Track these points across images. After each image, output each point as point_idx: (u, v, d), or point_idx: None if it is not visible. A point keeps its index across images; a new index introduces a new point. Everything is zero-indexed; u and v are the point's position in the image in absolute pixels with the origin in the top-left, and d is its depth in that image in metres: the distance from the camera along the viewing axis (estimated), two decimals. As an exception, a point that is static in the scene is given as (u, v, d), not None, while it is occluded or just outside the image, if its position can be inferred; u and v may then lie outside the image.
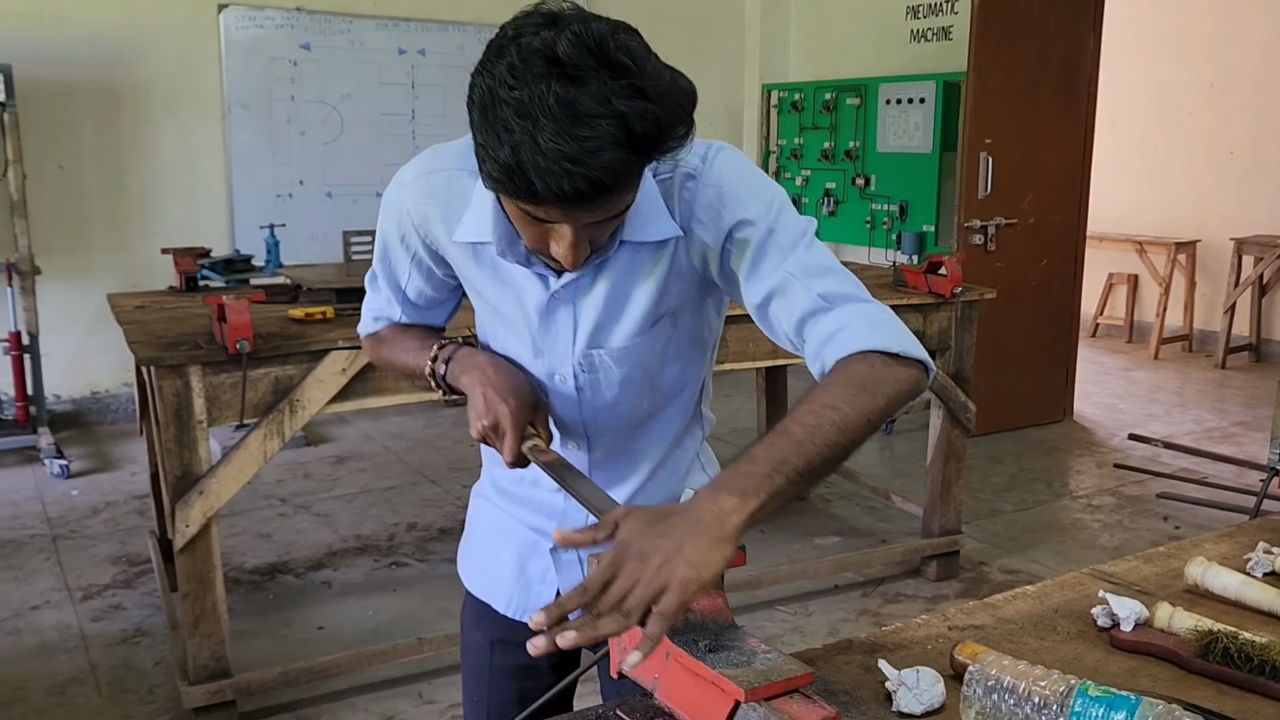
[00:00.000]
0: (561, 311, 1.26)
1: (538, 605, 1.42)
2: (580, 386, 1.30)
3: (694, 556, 0.94)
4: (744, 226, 1.18)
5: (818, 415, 1.04)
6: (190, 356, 2.54)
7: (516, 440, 1.21)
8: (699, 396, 1.41)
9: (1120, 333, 8.32)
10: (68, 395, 5.62)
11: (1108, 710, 0.97)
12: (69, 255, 5.46)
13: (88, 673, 3.10)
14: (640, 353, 1.28)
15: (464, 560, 1.54)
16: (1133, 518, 4.43)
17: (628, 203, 1.08)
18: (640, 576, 0.93)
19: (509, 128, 0.96)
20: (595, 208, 1.02)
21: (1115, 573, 1.47)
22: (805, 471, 1.02)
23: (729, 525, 0.97)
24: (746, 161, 1.23)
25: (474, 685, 1.54)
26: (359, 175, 6.12)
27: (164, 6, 5.55)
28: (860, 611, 3.56)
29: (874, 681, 1.15)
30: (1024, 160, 5.47)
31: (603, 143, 0.95)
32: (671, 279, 1.24)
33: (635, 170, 1.01)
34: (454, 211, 1.26)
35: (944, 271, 3.53)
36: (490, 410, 1.22)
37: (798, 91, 6.75)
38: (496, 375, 1.25)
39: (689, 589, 0.93)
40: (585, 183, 0.96)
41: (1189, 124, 7.88)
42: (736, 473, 1.01)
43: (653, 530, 0.97)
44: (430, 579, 3.77)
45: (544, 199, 0.99)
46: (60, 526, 4.24)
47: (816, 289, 1.16)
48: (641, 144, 0.98)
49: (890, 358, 1.11)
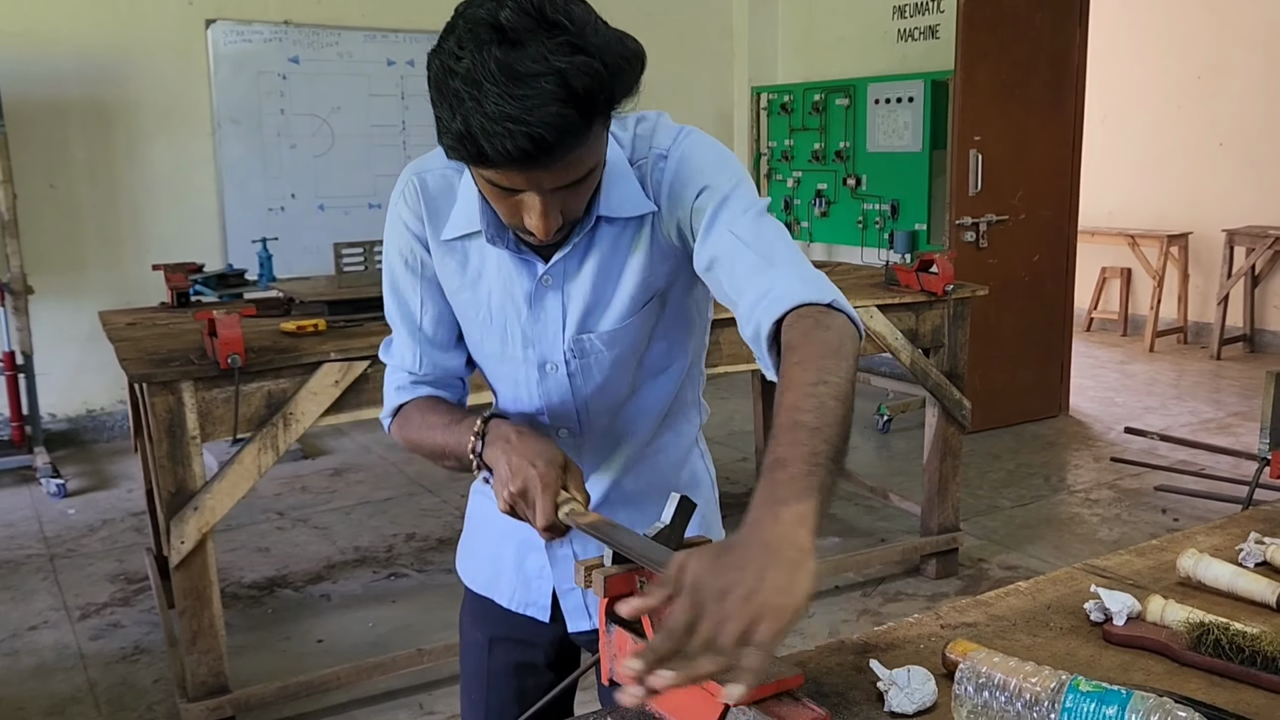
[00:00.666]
0: (550, 297, 1.28)
1: (538, 600, 1.43)
2: (572, 373, 1.32)
3: (780, 582, 0.86)
4: (702, 195, 1.21)
5: (816, 395, 1.00)
6: (182, 372, 2.54)
7: (550, 504, 1.13)
8: (687, 376, 1.41)
9: (1114, 327, 8.33)
10: (63, 414, 5.61)
11: (1099, 705, 0.97)
12: (62, 274, 5.46)
13: (86, 691, 3.09)
14: (631, 334, 1.30)
15: (463, 557, 1.55)
16: (1131, 511, 4.43)
17: (589, 165, 1.09)
18: (728, 613, 0.85)
19: (459, 96, 1.01)
20: (549, 167, 1.04)
21: (1108, 567, 1.47)
22: (834, 455, 0.97)
23: (802, 539, 0.89)
24: (713, 142, 1.26)
25: (473, 685, 1.54)
26: (351, 187, 6.12)
27: (152, 23, 5.55)
28: (861, 611, 3.55)
29: (866, 682, 1.15)
30: (1014, 156, 5.47)
31: (543, 99, 0.99)
32: (655, 259, 1.26)
33: (580, 127, 1.02)
34: (442, 211, 1.30)
35: (935, 269, 3.54)
36: (517, 476, 1.15)
37: (787, 93, 6.76)
38: (520, 441, 1.18)
39: (784, 617, 0.85)
40: (528, 140, 0.99)
41: (1178, 117, 7.89)
42: (777, 482, 0.94)
43: (723, 565, 0.88)
44: (429, 589, 3.76)
45: (495, 161, 1.02)
46: (57, 545, 4.23)
47: (758, 252, 1.17)
48: (582, 99, 1.00)
49: (825, 309, 1.10)
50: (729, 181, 1.21)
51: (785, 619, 0.85)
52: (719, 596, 0.86)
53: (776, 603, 0.85)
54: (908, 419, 5.67)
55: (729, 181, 1.21)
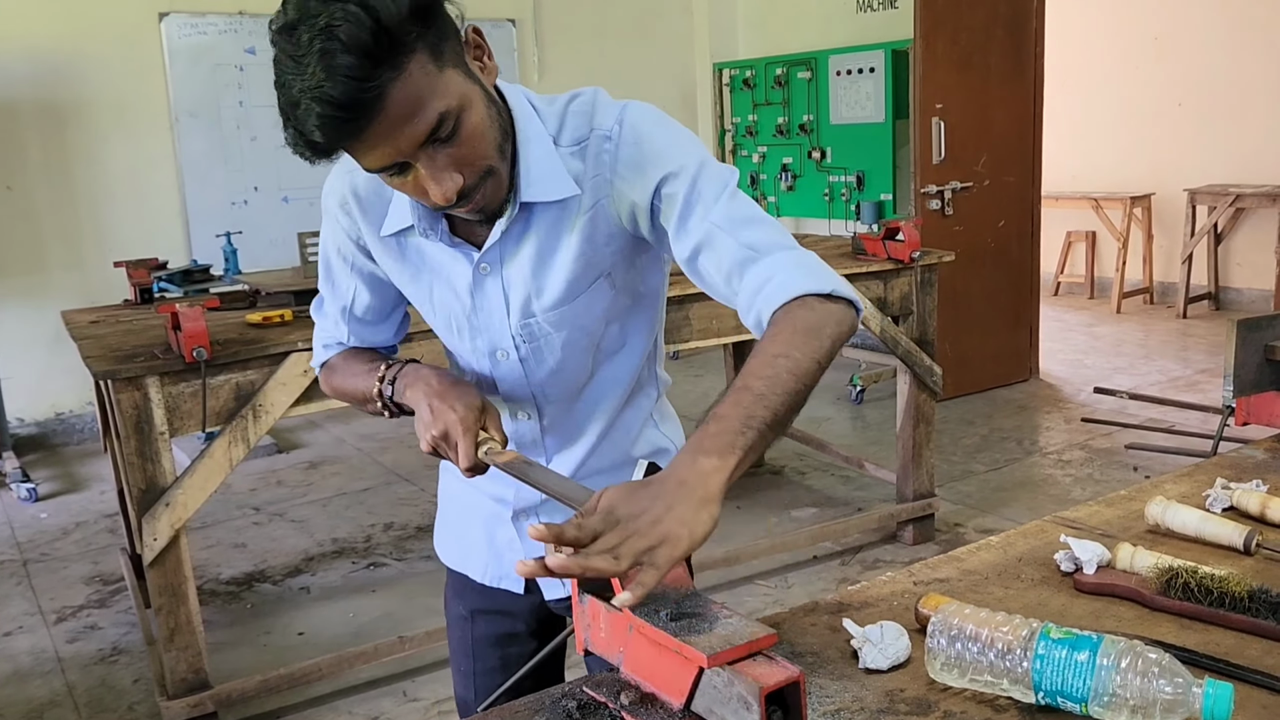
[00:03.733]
0: (490, 284, 1.27)
1: (510, 572, 1.45)
2: (524, 358, 1.31)
3: (685, 515, 0.96)
4: (668, 181, 1.18)
5: (773, 366, 1.05)
6: (147, 368, 2.51)
7: (471, 445, 1.19)
8: (647, 356, 1.40)
9: (1081, 290, 8.40)
10: (31, 418, 5.54)
11: (1070, 651, 0.98)
12: (23, 276, 5.38)
13: (65, 695, 3.07)
14: (578, 315, 1.28)
15: (439, 535, 1.59)
16: (1103, 470, 4.48)
17: (437, 110, 1.05)
18: (634, 530, 0.95)
19: (282, 111, 1.03)
20: (374, 126, 1.02)
21: (1077, 518, 1.48)
22: (772, 423, 1.03)
23: (712, 485, 0.98)
24: (661, 115, 1.23)
25: (460, 656, 1.57)
26: (315, 178, 5.88)
27: (104, 18, 5.46)
28: (840, 580, 3.58)
29: (840, 640, 1.15)
30: (976, 124, 5.49)
31: (326, 60, 0.98)
32: (598, 240, 1.24)
33: (369, 72, 0.99)
34: (376, 209, 1.30)
35: (902, 237, 3.55)
36: (438, 419, 1.21)
37: (749, 69, 6.75)
38: (441, 384, 1.24)
39: (681, 545, 0.95)
40: (326, 105, 0.99)
41: (1137, 78, 7.94)
42: (707, 434, 1.02)
43: (638, 495, 0.98)
44: (409, 577, 3.75)
45: (324, 144, 1.03)
46: (30, 550, 4.19)
47: (743, 239, 1.16)
48: (357, 45, 0.98)
49: (824, 298, 1.12)
50: (694, 161, 1.19)
51: (682, 547, 0.95)
52: (630, 516, 0.96)
53: (677, 531, 0.95)
54: (880, 389, 5.70)
55: (694, 161, 1.19)
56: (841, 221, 6.21)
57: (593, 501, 1.01)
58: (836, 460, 4.53)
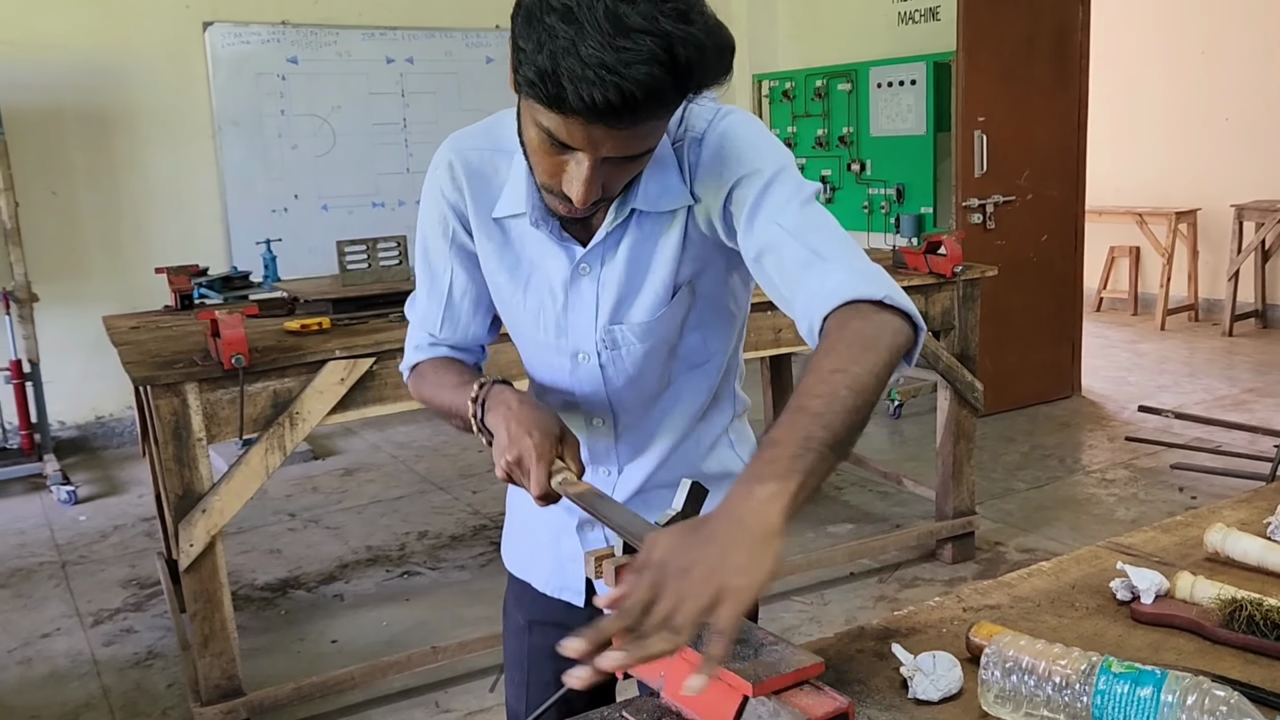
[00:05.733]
0: (585, 285, 1.26)
1: (571, 583, 1.42)
2: (604, 364, 1.30)
3: (742, 561, 0.86)
4: (742, 184, 1.16)
5: (829, 382, 0.98)
6: (186, 374, 2.52)
7: (544, 474, 1.15)
8: (725, 371, 1.38)
9: (1124, 306, 8.27)
10: (71, 421, 5.60)
11: (1133, 686, 0.94)
12: (66, 281, 5.45)
13: (100, 698, 3.08)
14: (662, 326, 1.27)
15: (505, 541, 1.57)
16: (1148, 490, 4.39)
17: (650, 144, 1.06)
18: (686, 592, 0.85)
19: (553, 33, 0.96)
20: (621, 128, 1.00)
21: (1132, 544, 1.43)
22: (833, 443, 0.95)
23: (771, 518, 0.89)
24: (754, 123, 1.21)
25: (514, 666, 1.54)
26: (353, 187, 6.10)
27: (149, 27, 5.53)
28: (878, 598, 3.52)
29: (889, 669, 1.12)
30: (1019, 136, 5.42)
31: (643, 57, 0.95)
32: (687, 246, 1.23)
33: (668, 97, 0.99)
34: (488, 190, 1.28)
35: (944, 251, 3.50)
36: (514, 444, 1.16)
37: (788, 80, 6.71)
38: (520, 409, 1.19)
39: (743, 598, 0.85)
40: (617, 93, 0.95)
41: (1183, 91, 7.82)
42: (762, 460, 0.94)
43: (690, 542, 0.89)
44: (443, 587, 3.74)
45: (572, 107, 0.97)
46: (69, 552, 4.22)
47: (807, 245, 1.13)
48: (680, 69, 0.97)
49: (878, 306, 1.06)
50: (772, 166, 1.17)
51: (744, 600, 0.85)
52: (679, 574, 0.86)
53: (735, 583, 0.85)
54: (918, 404, 5.63)
55: (772, 166, 1.17)
56: (881, 234, 6.15)
57: (642, 555, 0.91)
58: (874, 475, 4.48)
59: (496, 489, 4.51)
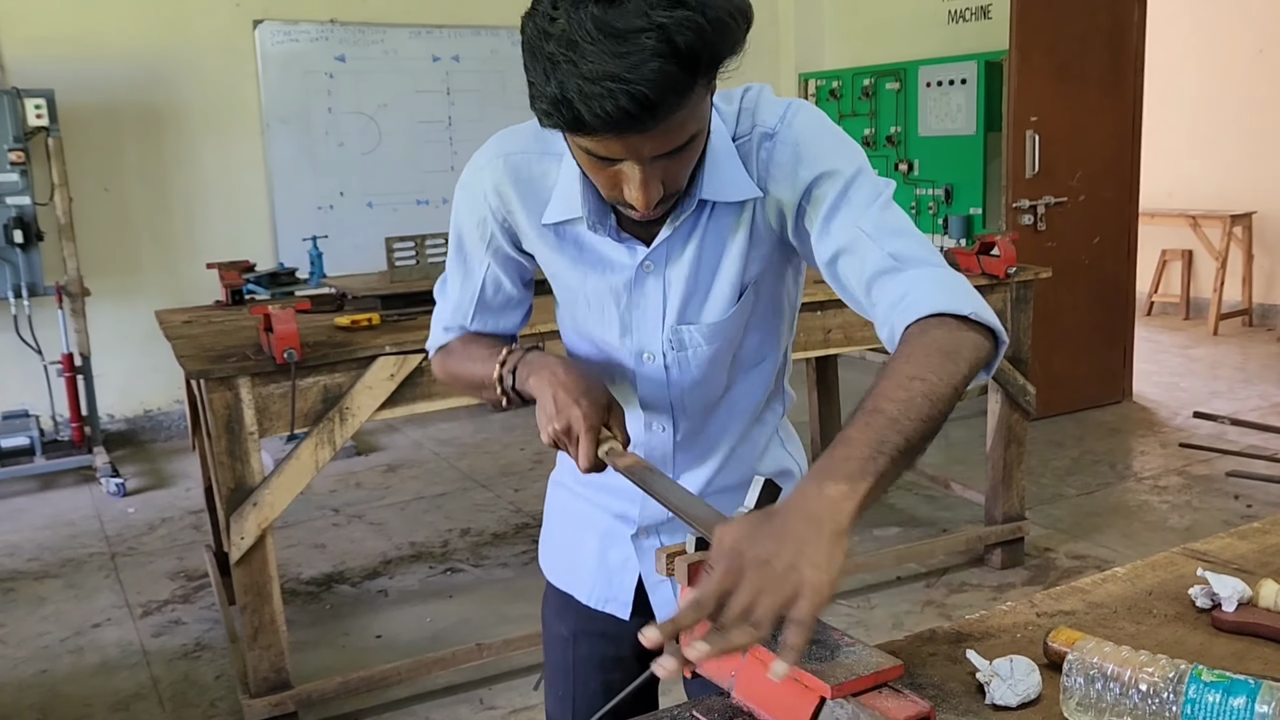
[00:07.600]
0: (650, 283, 1.23)
1: (618, 595, 1.39)
2: (668, 365, 1.27)
3: (818, 557, 0.86)
4: (820, 182, 1.13)
5: (907, 389, 0.97)
6: (239, 368, 2.53)
7: (591, 443, 1.14)
8: (779, 369, 1.36)
9: (1176, 310, 8.13)
10: (121, 415, 5.67)
11: (1225, 695, 0.90)
12: (117, 276, 5.52)
13: (150, 688, 3.11)
14: (730, 327, 1.24)
15: (544, 551, 1.52)
16: (1202, 497, 4.29)
17: (690, 131, 1.03)
18: (765, 585, 0.85)
19: (554, 60, 0.94)
20: (648, 131, 0.97)
21: (1209, 550, 1.39)
22: (906, 450, 0.95)
23: (842, 516, 0.89)
24: (826, 119, 1.19)
25: (558, 679, 1.50)
26: (399, 184, 6.12)
27: (201, 26, 5.59)
28: (925, 603, 3.47)
29: (963, 673, 1.09)
30: (1071, 137, 5.33)
31: (644, 56, 0.92)
32: (753, 244, 1.20)
33: (683, 86, 0.95)
34: (537, 194, 1.24)
35: (997, 252, 3.44)
36: (562, 413, 1.15)
37: (835, 79, 6.66)
38: (568, 376, 1.18)
39: (823, 593, 0.85)
40: (629, 100, 0.93)
41: (1239, 93, 7.66)
42: (834, 459, 0.93)
43: (764, 533, 0.89)
44: (486, 584, 3.74)
45: (593, 126, 0.96)
46: (118, 544, 4.27)
47: (888, 249, 1.10)
48: (685, 55, 0.94)
49: (962, 321, 1.05)
50: (850, 166, 1.14)
51: (824, 595, 0.85)
52: (758, 564, 0.86)
53: (816, 579, 0.85)
54: (965, 407, 5.54)
55: (850, 166, 1.14)
56: (929, 235, 6.07)
57: (716, 544, 0.91)
58: (921, 479, 4.42)
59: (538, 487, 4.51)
